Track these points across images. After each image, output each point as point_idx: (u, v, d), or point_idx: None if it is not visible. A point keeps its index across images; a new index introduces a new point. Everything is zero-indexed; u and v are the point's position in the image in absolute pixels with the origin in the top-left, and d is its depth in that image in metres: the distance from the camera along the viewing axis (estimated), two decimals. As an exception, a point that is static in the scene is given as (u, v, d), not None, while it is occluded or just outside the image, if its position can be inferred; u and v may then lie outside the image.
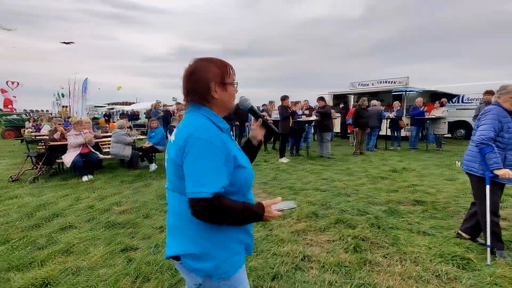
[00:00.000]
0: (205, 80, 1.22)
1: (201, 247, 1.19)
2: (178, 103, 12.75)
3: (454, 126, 13.74)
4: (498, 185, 3.00)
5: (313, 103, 11.61)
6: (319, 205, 4.38)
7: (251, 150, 1.51)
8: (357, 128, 9.47)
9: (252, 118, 1.53)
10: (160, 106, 12.45)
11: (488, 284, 2.44)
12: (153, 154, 8.02)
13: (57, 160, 7.23)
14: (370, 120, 9.95)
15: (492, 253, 2.90)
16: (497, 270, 2.60)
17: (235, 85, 1.31)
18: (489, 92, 8.15)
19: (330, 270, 2.72)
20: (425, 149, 10.31)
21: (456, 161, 7.72)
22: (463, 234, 3.33)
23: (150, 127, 7.99)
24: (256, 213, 1.19)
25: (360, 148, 9.58)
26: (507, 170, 2.83)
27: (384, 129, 12.21)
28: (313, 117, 8.65)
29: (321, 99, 8.95)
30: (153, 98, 22.76)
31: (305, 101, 11.29)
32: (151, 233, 3.62)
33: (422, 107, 10.85)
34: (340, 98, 16.61)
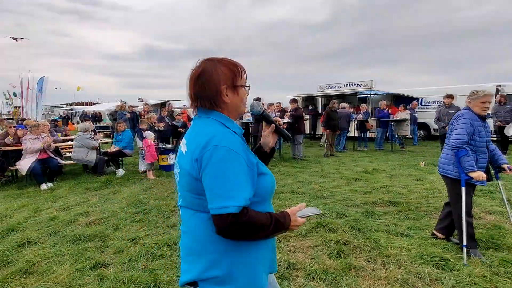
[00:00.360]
0: (215, 83, 1.11)
1: (225, 269, 1.07)
2: (146, 104, 12.21)
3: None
4: (471, 187, 3.14)
5: (284, 105, 11.69)
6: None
7: (263, 157, 1.38)
8: (328, 130, 9.66)
9: (264, 123, 1.41)
10: (126, 108, 11.85)
11: (468, 284, 2.52)
12: (121, 158, 7.58)
13: (10, 167, 6.59)
14: (340, 122, 10.20)
15: (467, 252, 3.02)
16: (475, 270, 2.70)
17: (247, 88, 1.20)
18: (449, 96, 8.69)
19: (317, 278, 2.67)
20: (390, 150, 10.76)
21: (421, 162, 8.11)
22: (438, 234, 3.45)
23: (117, 130, 7.54)
24: (282, 224, 1.10)
25: (331, 150, 9.78)
26: (481, 172, 2.96)
27: (352, 131, 12.61)
28: (286, 120, 8.68)
29: (294, 101, 9.02)
30: (116, 99, 21.77)
31: (277, 103, 11.32)
32: (124, 246, 3.36)
33: (386, 109, 11.33)
34: (308, 100, 16.93)
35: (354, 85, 15.41)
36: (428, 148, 11.43)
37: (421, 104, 14.36)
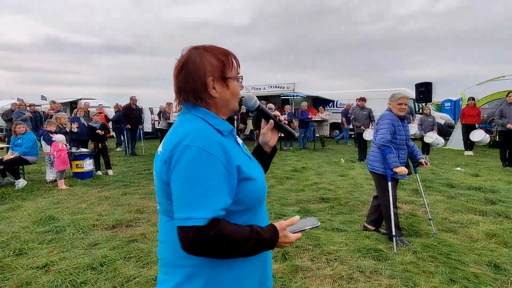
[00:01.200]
0: (200, 75, 0.97)
1: (203, 285, 0.92)
2: (53, 102, 10.53)
3: (330, 127, 15.85)
4: (395, 181, 3.45)
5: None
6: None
7: (263, 158, 1.20)
8: (257, 131, 9.79)
9: (263, 121, 1.19)
10: (26, 107, 10.04)
11: (402, 271, 2.73)
12: (21, 167, 6.35)
13: None
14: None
15: (396, 241, 3.29)
16: (405, 258, 2.95)
17: (240, 80, 1.03)
18: (362, 99, 9.66)
19: (265, 284, 2.57)
20: (312, 148, 11.48)
21: (341, 159, 8.81)
22: (369, 227, 3.70)
23: (15, 133, 6.29)
24: (268, 240, 0.93)
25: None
26: (403, 167, 3.27)
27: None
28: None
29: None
30: (11, 96, 18.43)
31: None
32: (31, 276, 2.73)
33: (307, 111, 12.10)
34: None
35: (278, 87, 16.03)
36: (345, 146, 12.55)
37: (336, 106, 15.75)
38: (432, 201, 4.71)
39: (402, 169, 3.24)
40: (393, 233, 3.23)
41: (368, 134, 8.38)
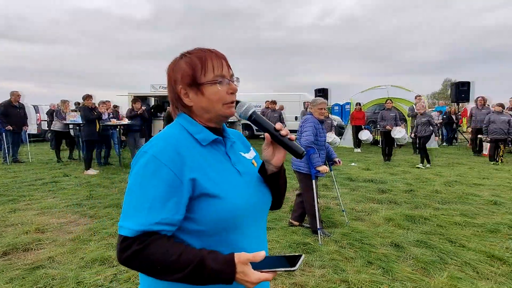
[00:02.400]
0: (172, 85, 0.95)
1: None
2: None
3: (243, 128, 16.40)
4: (316, 179, 3.81)
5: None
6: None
7: (267, 179, 1.00)
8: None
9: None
10: None
11: (329, 261, 3.03)
12: None
13: None
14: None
15: (317, 233, 3.63)
16: (330, 248, 3.28)
17: (222, 82, 0.92)
18: (273, 102, 10.29)
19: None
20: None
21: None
22: (294, 222, 3.99)
23: None
24: (216, 271, 0.77)
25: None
26: (325, 166, 3.64)
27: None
28: (126, 121, 7.76)
29: (138, 101, 8.19)
30: None
31: (107, 101, 9.94)
32: None
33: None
34: (141, 100, 15.89)
35: (188, 87, 15.70)
36: (256, 146, 13.12)
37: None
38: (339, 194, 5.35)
39: (324, 168, 3.60)
40: (318, 226, 3.56)
41: (364, 134, 9.00)
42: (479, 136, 9.94)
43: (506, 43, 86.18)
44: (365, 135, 10.97)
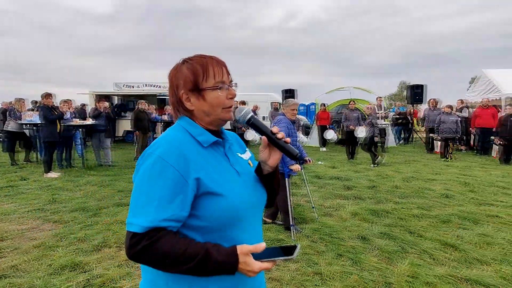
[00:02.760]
0: (174, 90, 1.01)
1: None
2: None
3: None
4: (290, 177, 3.96)
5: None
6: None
7: (262, 179, 1.07)
8: (138, 132, 9.09)
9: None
10: None
11: (303, 255, 3.18)
12: None
13: None
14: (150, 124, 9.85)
15: (290, 229, 3.78)
16: (303, 243, 3.44)
17: (222, 88, 0.98)
18: (242, 103, 10.37)
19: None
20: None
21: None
22: (267, 220, 4.11)
23: None
24: (220, 262, 0.85)
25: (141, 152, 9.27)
26: (298, 165, 3.80)
27: (159, 132, 12.50)
28: (90, 121, 7.42)
29: (103, 100, 7.85)
30: None
31: (68, 100, 9.42)
32: None
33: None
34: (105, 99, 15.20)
35: (154, 85, 15.25)
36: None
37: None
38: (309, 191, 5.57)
39: (297, 167, 3.76)
40: (292, 223, 3.70)
41: (249, 135, 9.09)
42: (431, 135, 10.79)
43: (455, 48, 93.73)
44: (329, 134, 11.41)
